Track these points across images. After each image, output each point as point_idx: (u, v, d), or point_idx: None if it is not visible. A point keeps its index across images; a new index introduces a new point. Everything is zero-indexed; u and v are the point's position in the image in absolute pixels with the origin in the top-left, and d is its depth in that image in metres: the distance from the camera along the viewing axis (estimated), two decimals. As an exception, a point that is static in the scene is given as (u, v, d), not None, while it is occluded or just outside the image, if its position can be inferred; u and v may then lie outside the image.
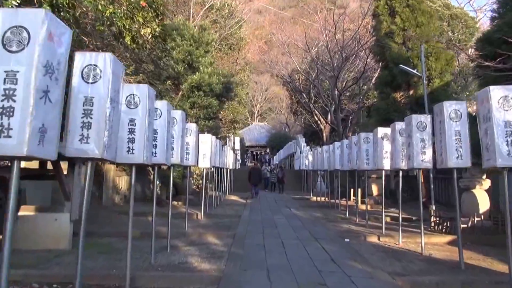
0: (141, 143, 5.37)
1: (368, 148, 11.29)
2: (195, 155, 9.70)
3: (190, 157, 9.49)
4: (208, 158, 12.18)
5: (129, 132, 5.38)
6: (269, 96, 68.27)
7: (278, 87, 68.84)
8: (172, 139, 7.90)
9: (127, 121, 5.33)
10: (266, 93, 68.45)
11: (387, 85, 15.00)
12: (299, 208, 15.85)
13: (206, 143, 12.23)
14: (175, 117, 7.63)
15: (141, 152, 5.38)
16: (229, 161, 21.09)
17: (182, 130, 7.88)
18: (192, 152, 9.55)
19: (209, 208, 14.59)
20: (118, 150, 4.73)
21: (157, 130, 6.46)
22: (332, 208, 16.16)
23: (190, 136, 9.53)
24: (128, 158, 5.39)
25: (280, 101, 66.83)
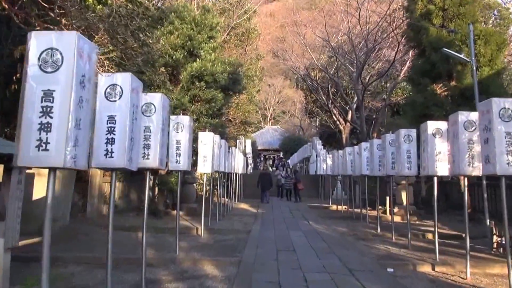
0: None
1: (409, 149, 8.98)
2: (188, 157, 7.51)
3: (181, 159, 7.31)
4: (209, 162, 10.00)
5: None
6: (282, 99, 67.17)
7: (291, 89, 67.44)
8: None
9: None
10: (279, 96, 67.36)
11: (424, 75, 12.66)
12: (319, 220, 13.56)
13: (207, 143, 10.07)
14: (153, 102, 5.50)
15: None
16: (238, 165, 18.94)
17: (163, 121, 5.73)
18: (184, 153, 7.37)
19: (213, 220, 12.42)
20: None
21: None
22: (358, 220, 13.84)
23: (182, 133, 7.36)
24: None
25: (293, 104, 65.56)
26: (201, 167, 10.00)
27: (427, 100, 12.22)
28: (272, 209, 17.27)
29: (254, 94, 21.36)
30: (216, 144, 11.21)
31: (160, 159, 5.82)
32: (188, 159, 7.47)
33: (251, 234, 9.98)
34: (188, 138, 7.37)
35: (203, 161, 10.00)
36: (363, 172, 12.20)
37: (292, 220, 13.16)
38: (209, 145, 10.05)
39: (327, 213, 16.18)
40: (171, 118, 7.36)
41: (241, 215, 14.81)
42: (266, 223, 12.32)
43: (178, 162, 7.29)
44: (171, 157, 7.25)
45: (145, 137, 5.82)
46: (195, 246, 8.64)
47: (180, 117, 7.33)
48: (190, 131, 7.48)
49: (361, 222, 13.19)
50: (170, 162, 7.26)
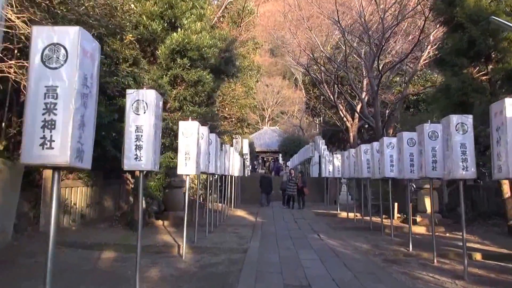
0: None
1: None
2: (155, 152, 5.14)
3: (144, 154, 4.94)
4: (193, 161, 7.65)
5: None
6: (281, 100, 65.74)
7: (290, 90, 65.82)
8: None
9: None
10: (277, 96, 65.90)
11: (460, 55, 10.32)
12: (330, 231, 11.20)
13: (190, 136, 7.72)
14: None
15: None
16: (234, 166, 16.59)
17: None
18: (148, 145, 4.99)
19: (202, 232, 10.08)
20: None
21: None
22: (376, 232, 11.50)
23: (145, 115, 4.98)
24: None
25: (292, 104, 63.88)
26: (181, 167, 7.65)
27: (465, 85, 9.88)
28: (273, 217, 14.89)
29: (252, 86, 19.05)
30: (204, 138, 8.87)
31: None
32: (155, 154, 5.10)
33: (248, 255, 7.60)
34: (154, 123, 5.00)
35: (184, 160, 7.65)
36: (386, 174, 9.85)
37: (299, 233, 10.78)
38: (193, 139, 7.70)
39: (337, 222, 13.82)
40: (127, 92, 5.01)
41: (237, 226, 12.44)
42: (267, 237, 9.95)
43: (138, 158, 4.92)
44: (127, 152, 4.89)
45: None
46: (168, 276, 6.26)
47: (142, 91, 4.96)
48: (157, 114, 5.12)
49: (381, 235, 10.84)
50: (126, 158, 4.90)
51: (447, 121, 6.54)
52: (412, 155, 8.46)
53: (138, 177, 11.10)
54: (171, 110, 9.31)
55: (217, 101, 16.81)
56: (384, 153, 9.89)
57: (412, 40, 14.07)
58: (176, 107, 9.27)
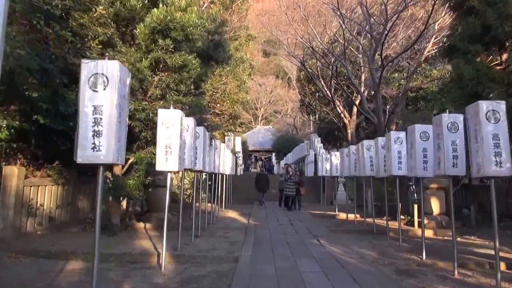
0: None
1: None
2: (119, 140, 4.03)
3: (104, 143, 3.83)
4: (175, 155, 6.55)
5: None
6: (274, 99, 65.31)
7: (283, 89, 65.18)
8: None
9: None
10: (270, 96, 65.45)
11: (474, 41, 9.30)
12: (331, 236, 10.13)
13: (171, 126, 6.62)
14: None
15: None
16: (226, 164, 15.50)
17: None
18: (110, 132, 3.88)
19: (187, 237, 9.00)
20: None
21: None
22: (381, 236, 10.48)
23: (105, 92, 3.87)
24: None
25: (285, 103, 63.32)
26: (161, 162, 6.54)
27: (480, 74, 8.85)
28: (267, 219, 13.80)
29: (244, 80, 17.94)
30: (190, 131, 7.77)
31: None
32: (119, 142, 3.99)
33: (239, 266, 6.50)
34: (117, 103, 3.89)
35: (164, 154, 6.54)
36: (393, 172, 8.81)
37: (296, 238, 9.69)
38: (175, 130, 6.60)
39: (336, 225, 12.76)
40: (82, 62, 3.89)
41: (228, 229, 11.35)
42: (260, 243, 8.85)
43: (96, 148, 3.81)
44: (82, 140, 3.78)
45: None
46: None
47: (102, 63, 3.85)
48: (122, 92, 4.01)
49: (387, 240, 9.80)
50: (80, 149, 3.78)
51: (475, 108, 5.50)
52: (426, 151, 7.43)
53: (115, 175, 10.02)
54: (153, 99, 8.18)
55: (207, 94, 15.70)
56: (391, 149, 8.85)
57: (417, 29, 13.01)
58: (158, 96, 8.15)
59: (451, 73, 10.04)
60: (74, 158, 3.81)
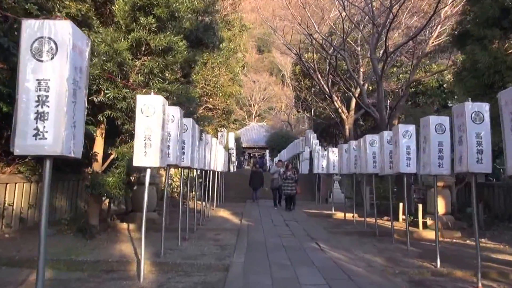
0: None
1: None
2: (72, 126, 3.12)
3: (50, 128, 2.92)
4: (155, 148, 5.67)
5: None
6: (268, 96, 64.83)
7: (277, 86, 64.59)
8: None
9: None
10: (264, 93, 65.00)
11: (491, 26, 8.47)
12: (331, 238, 9.29)
13: (152, 114, 5.73)
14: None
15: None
16: (218, 161, 14.63)
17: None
18: (59, 114, 2.97)
19: (174, 240, 8.16)
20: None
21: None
22: (384, 238, 9.69)
23: (52, 62, 2.96)
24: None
25: (279, 100, 62.89)
26: (139, 156, 5.66)
27: (498, 62, 8.03)
28: (260, 219, 12.95)
29: (238, 72, 17.02)
30: (176, 122, 6.88)
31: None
32: (73, 129, 3.10)
33: (230, 278, 5.63)
34: (70, 78, 3.00)
35: (143, 147, 5.65)
36: (401, 169, 7.98)
37: (293, 241, 8.83)
38: (156, 119, 5.71)
39: (335, 225, 11.95)
40: (23, 23, 2.98)
41: (219, 230, 10.49)
42: (254, 248, 7.98)
43: (40, 135, 2.91)
44: (21, 124, 2.88)
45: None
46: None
47: (48, 23, 2.95)
48: (79, 63, 3.12)
49: (392, 243, 8.98)
50: (18, 136, 2.89)
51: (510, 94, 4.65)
52: (442, 145, 6.61)
53: (94, 172, 9.10)
54: (135, 86, 7.28)
55: (199, 87, 14.80)
56: (398, 143, 8.01)
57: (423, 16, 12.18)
58: (141, 83, 7.24)
59: (465, 60, 9.18)
60: (11, 148, 2.91)
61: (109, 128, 8.78)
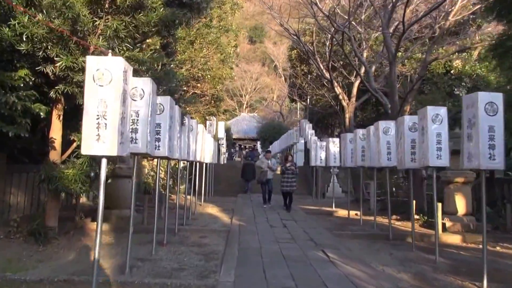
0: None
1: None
2: None
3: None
4: (113, 130, 4.03)
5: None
6: (259, 86, 63.42)
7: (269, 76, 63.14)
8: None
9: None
10: (256, 83, 63.57)
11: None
12: (339, 245, 7.76)
13: (108, 83, 4.09)
14: None
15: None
16: (206, 151, 13.05)
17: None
18: None
19: (146, 247, 6.62)
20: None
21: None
22: (399, 242, 8.22)
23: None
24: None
25: (271, 91, 61.61)
26: (89, 141, 4.04)
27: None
28: (254, 217, 11.39)
29: (229, 52, 15.30)
30: (145, 98, 5.25)
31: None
32: None
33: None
34: None
35: (95, 128, 4.03)
36: (430, 162, 6.45)
37: (295, 249, 7.26)
38: (114, 90, 4.08)
39: (339, 225, 10.45)
40: None
41: (204, 231, 8.94)
42: (247, 258, 6.42)
43: None
44: None
45: None
46: None
47: None
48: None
49: (413, 250, 7.47)
50: None
51: None
52: (493, 130, 5.07)
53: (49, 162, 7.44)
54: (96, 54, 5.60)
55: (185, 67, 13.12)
56: (427, 130, 6.47)
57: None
58: (103, 48, 5.58)
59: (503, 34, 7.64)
60: None
61: (69, 108, 7.13)
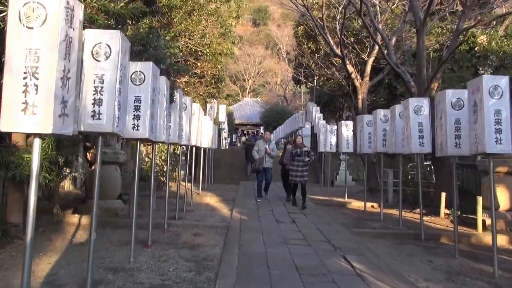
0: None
1: None
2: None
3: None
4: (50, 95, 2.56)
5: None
6: (263, 70, 62.01)
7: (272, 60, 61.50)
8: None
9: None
10: (259, 67, 62.18)
11: None
12: (362, 248, 6.38)
13: (41, 25, 2.59)
14: None
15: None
16: (203, 135, 11.68)
17: None
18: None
19: (125, 250, 5.27)
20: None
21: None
22: (434, 244, 6.86)
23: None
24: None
25: (275, 75, 60.24)
26: (11, 113, 2.60)
27: None
28: (257, 209, 10.02)
29: (230, 24, 13.72)
30: (112, 57, 3.79)
31: None
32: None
33: None
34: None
35: (20, 90, 2.58)
36: (487, 148, 4.99)
37: (309, 254, 5.87)
38: (49, 34, 2.62)
39: (356, 221, 9.08)
40: None
41: (199, 227, 7.59)
42: (249, 270, 5.03)
43: None
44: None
45: None
46: None
47: None
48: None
49: (456, 256, 6.08)
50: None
51: None
52: None
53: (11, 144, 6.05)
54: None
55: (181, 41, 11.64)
56: (482, 107, 5.01)
57: None
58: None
59: None
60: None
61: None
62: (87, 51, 3.66)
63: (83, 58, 3.60)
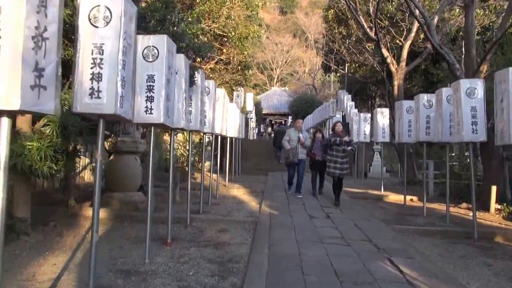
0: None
1: None
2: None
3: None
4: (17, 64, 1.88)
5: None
6: (291, 59, 60.86)
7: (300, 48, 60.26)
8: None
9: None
10: (287, 55, 61.05)
11: None
12: (410, 250, 5.58)
13: None
14: None
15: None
16: (229, 124, 11.04)
17: None
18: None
19: (140, 248, 4.66)
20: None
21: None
22: (488, 243, 6.01)
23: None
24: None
25: (303, 64, 59.02)
26: None
27: None
28: (288, 202, 9.32)
29: (257, 5, 12.91)
30: (112, 22, 3.14)
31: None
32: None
33: None
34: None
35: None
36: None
37: (349, 256, 5.13)
38: None
39: (396, 216, 8.26)
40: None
41: (225, 222, 6.96)
42: (280, 274, 4.36)
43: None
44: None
45: None
46: None
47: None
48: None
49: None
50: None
51: None
52: None
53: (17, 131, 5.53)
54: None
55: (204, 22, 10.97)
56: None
57: None
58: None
59: None
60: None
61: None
62: (83, 15, 3.03)
63: (78, 24, 2.97)
